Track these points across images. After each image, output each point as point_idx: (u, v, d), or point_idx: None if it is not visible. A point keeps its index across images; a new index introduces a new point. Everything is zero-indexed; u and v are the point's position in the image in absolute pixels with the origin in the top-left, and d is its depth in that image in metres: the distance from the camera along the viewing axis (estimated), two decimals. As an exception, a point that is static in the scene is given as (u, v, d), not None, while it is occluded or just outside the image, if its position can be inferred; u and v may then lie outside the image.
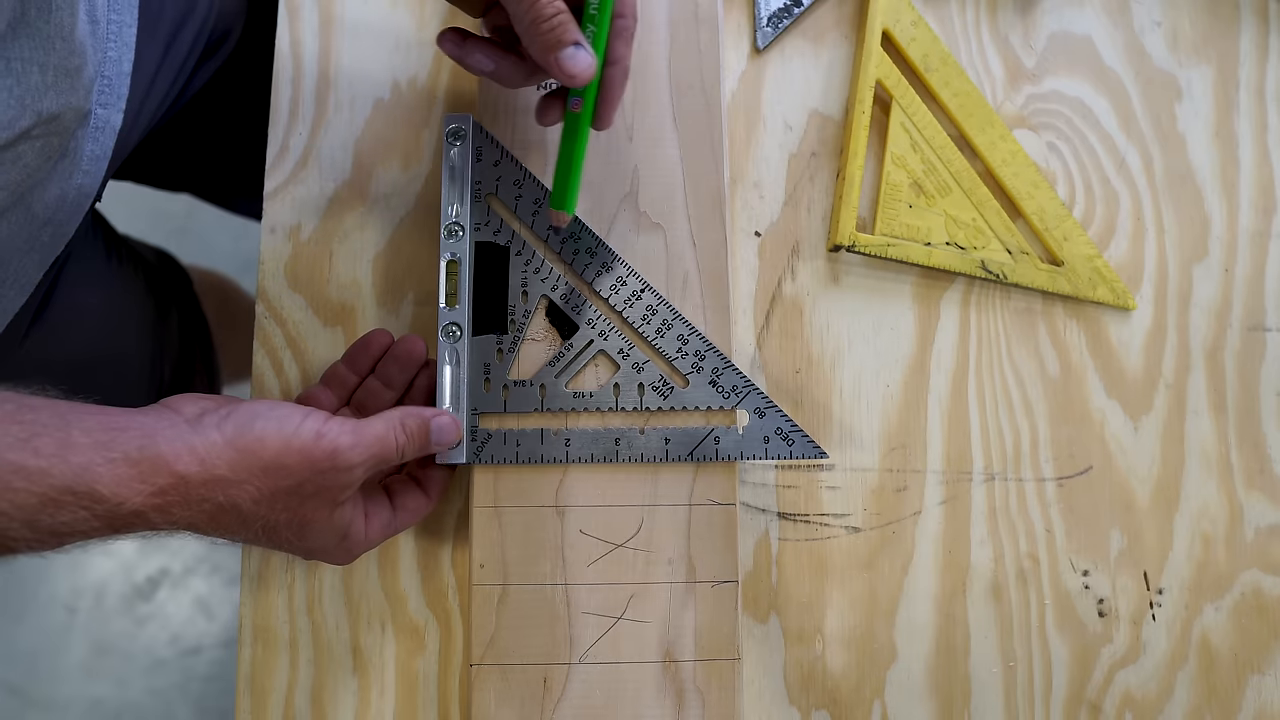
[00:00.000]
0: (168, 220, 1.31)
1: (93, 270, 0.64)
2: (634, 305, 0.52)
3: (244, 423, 0.41)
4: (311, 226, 0.56)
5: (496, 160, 0.53)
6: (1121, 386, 0.56)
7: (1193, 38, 0.61)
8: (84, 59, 0.47)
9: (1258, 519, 0.55)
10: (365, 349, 0.51)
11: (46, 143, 0.47)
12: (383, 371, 0.51)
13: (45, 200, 0.50)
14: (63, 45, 0.44)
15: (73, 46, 0.45)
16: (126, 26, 0.53)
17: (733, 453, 0.51)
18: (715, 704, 0.50)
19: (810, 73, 0.59)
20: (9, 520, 0.36)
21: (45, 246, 0.53)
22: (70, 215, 0.53)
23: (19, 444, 0.37)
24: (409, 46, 0.58)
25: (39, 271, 0.54)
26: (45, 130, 0.46)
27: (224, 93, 0.68)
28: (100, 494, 0.37)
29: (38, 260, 0.53)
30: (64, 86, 0.46)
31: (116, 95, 0.53)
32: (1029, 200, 0.57)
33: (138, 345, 0.72)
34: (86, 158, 0.52)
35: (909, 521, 0.54)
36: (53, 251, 0.54)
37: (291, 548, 0.45)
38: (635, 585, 0.51)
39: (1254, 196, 0.59)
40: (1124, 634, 0.54)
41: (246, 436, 0.41)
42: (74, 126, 0.49)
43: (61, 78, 0.45)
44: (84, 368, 0.65)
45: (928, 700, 0.52)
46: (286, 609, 0.52)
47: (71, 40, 0.45)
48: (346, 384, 0.51)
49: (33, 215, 0.50)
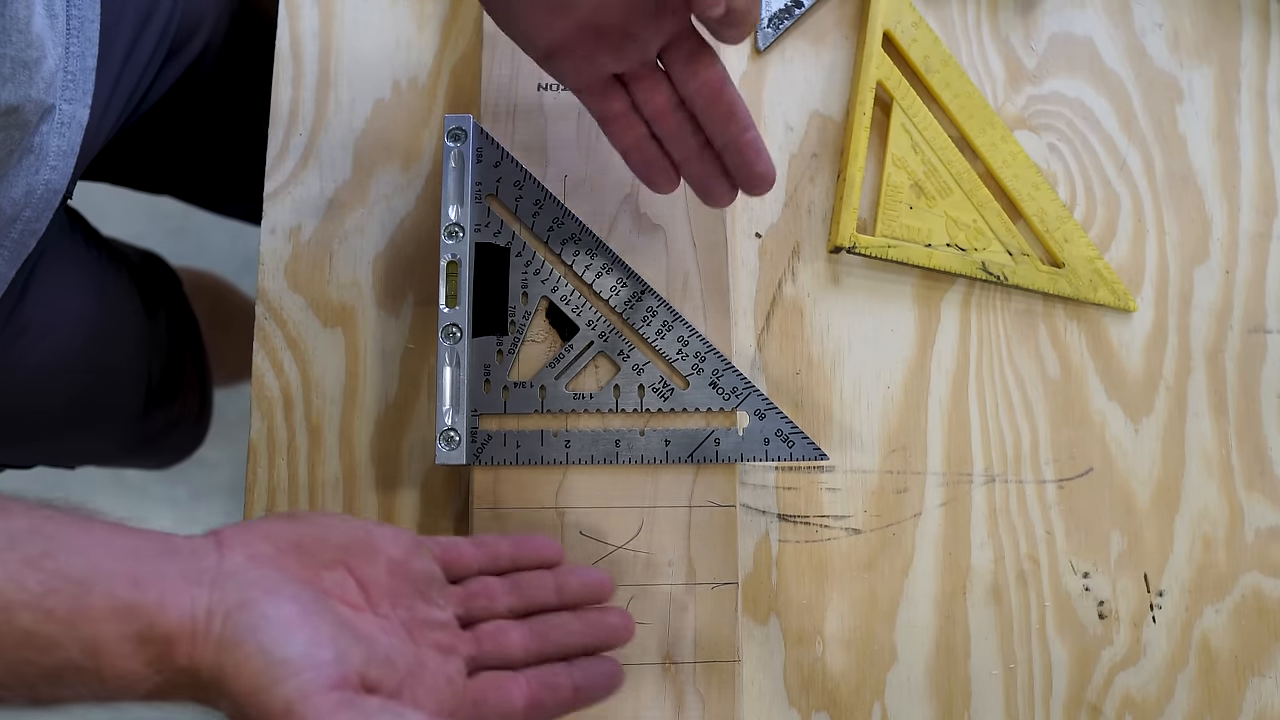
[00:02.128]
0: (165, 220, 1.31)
1: (71, 270, 0.64)
2: (634, 307, 0.52)
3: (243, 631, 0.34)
4: (311, 227, 0.56)
5: (497, 161, 0.53)
6: (1122, 388, 0.56)
7: (1194, 39, 0.61)
8: (43, 51, 0.47)
9: (1258, 521, 0.55)
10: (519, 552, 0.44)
11: (7, 135, 0.47)
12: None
13: (11, 196, 0.50)
14: (19, 37, 0.44)
15: (29, 39, 0.45)
16: (89, 22, 0.53)
17: (733, 454, 0.51)
18: (715, 705, 0.50)
19: (811, 74, 0.59)
20: (9, 691, 0.33)
21: (15, 244, 0.53)
22: (39, 212, 0.53)
23: (31, 603, 0.32)
24: (409, 46, 0.58)
25: (10, 269, 0.54)
26: (4, 123, 0.46)
27: (196, 93, 0.68)
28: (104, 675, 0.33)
29: (8, 257, 0.53)
30: (22, 79, 0.46)
31: (81, 90, 0.53)
32: (1030, 202, 0.57)
33: (123, 346, 0.71)
34: (53, 153, 0.52)
35: (909, 523, 0.54)
36: (23, 249, 0.54)
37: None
38: (635, 587, 0.50)
39: (1255, 198, 0.59)
40: (1124, 636, 0.53)
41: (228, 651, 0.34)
42: (36, 121, 0.49)
43: (19, 69, 0.45)
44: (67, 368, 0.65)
45: (928, 702, 0.52)
46: (286, 610, 0.52)
47: (28, 32, 0.45)
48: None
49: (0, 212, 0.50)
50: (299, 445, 0.53)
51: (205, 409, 0.90)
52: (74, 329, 0.64)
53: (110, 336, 0.69)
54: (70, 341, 0.64)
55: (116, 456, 0.86)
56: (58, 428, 0.70)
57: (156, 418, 0.79)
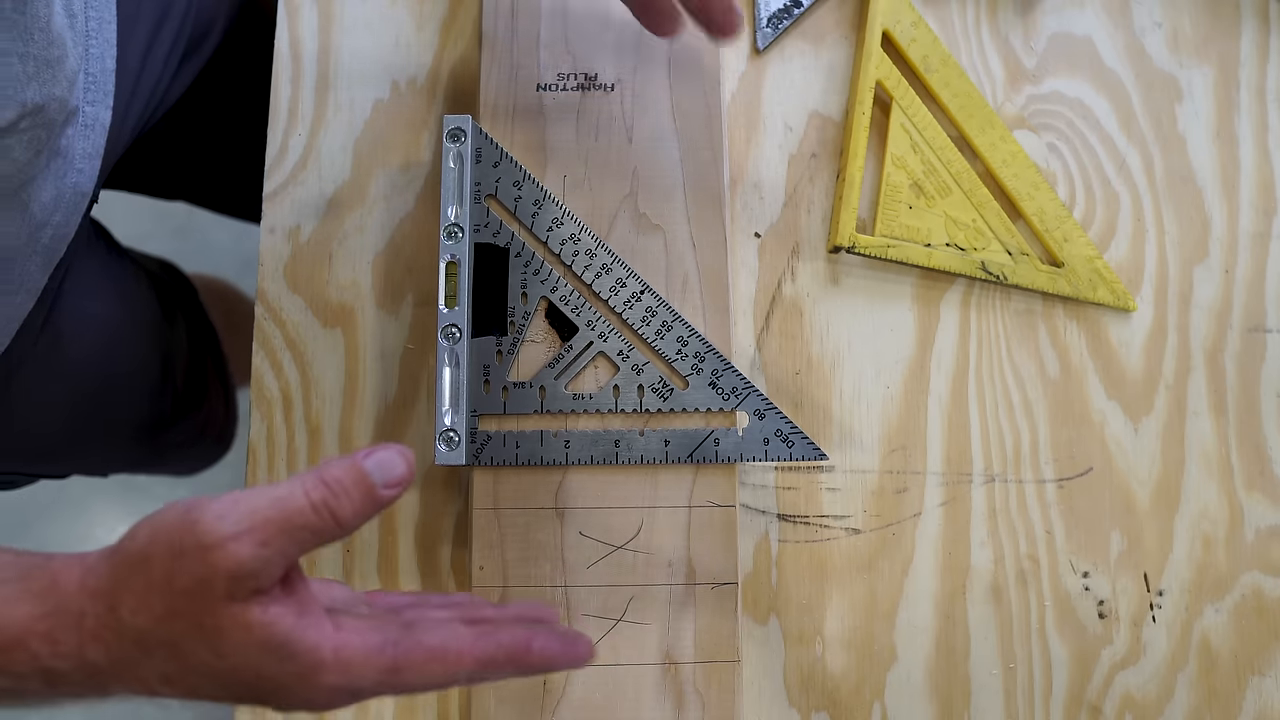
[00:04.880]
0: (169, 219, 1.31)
1: (96, 279, 0.65)
2: (634, 307, 0.52)
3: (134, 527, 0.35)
4: (311, 227, 0.56)
5: (496, 161, 0.53)
6: (1122, 388, 0.56)
7: (1193, 38, 0.61)
8: (64, 50, 0.47)
9: (1258, 520, 0.55)
10: None
11: (34, 136, 0.47)
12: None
13: (41, 200, 0.51)
14: (41, 36, 0.45)
15: (51, 37, 0.45)
16: (106, 23, 0.53)
17: (732, 454, 0.51)
18: (715, 706, 0.50)
19: (810, 74, 0.59)
20: None
21: (46, 249, 0.53)
22: (68, 216, 0.54)
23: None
24: (408, 46, 0.58)
25: (43, 275, 0.54)
26: (31, 123, 0.46)
27: (210, 95, 0.69)
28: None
29: (41, 263, 0.54)
30: (45, 77, 0.46)
31: (103, 92, 0.53)
32: (1029, 201, 0.57)
33: (147, 354, 0.72)
34: (79, 155, 0.53)
35: (909, 523, 0.54)
36: (54, 254, 0.54)
37: (221, 679, 0.34)
38: (635, 587, 0.50)
39: (1255, 197, 0.59)
40: (1124, 635, 0.53)
41: (123, 538, 0.34)
42: (61, 122, 0.49)
43: (42, 68, 0.45)
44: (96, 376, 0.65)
45: (928, 702, 0.52)
46: (286, 611, 0.52)
47: (49, 31, 0.45)
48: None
49: (30, 216, 0.50)
50: (299, 446, 0.53)
51: (231, 414, 0.91)
52: (103, 337, 0.65)
53: (136, 344, 0.70)
54: (102, 350, 0.65)
55: (148, 463, 0.87)
56: (91, 436, 0.70)
57: (183, 425, 0.79)
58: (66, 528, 1.29)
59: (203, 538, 0.33)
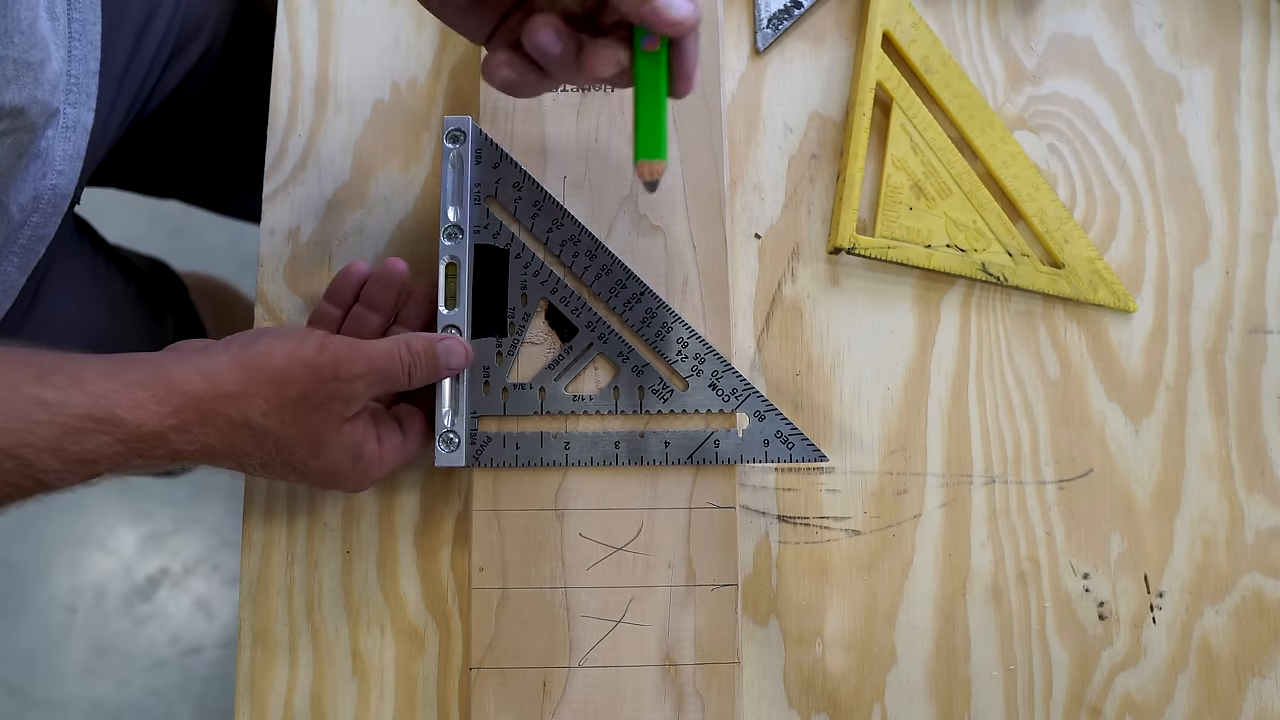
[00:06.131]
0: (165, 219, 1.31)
1: (79, 278, 0.64)
2: (634, 308, 0.52)
3: (249, 341, 0.44)
4: (311, 228, 0.56)
5: (496, 163, 0.52)
6: (1122, 389, 0.56)
7: (1194, 39, 0.61)
8: (46, 53, 0.47)
9: (1258, 521, 0.55)
10: (345, 281, 0.51)
11: (15, 139, 0.47)
12: (367, 297, 0.51)
13: (19, 201, 0.50)
14: (21, 39, 0.45)
15: (32, 40, 0.45)
16: (90, 25, 0.53)
17: (732, 456, 0.51)
18: (715, 707, 0.50)
19: (810, 74, 0.59)
20: (36, 451, 0.38)
21: (24, 250, 0.53)
22: (47, 217, 0.53)
23: (35, 380, 0.39)
24: (408, 47, 0.58)
25: (21, 275, 0.54)
26: (11, 125, 0.46)
27: (199, 94, 0.68)
28: (120, 417, 0.39)
29: (19, 264, 0.53)
30: (26, 80, 0.46)
31: (85, 94, 0.53)
32: (1029, 202, 0.57)
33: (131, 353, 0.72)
34: (59, 158, 0.52)
35: (909, 524, 0.54)
36: (32, 255, 0.54)
37: (307, 471, 0.45)
38: (635, 588, 0.50)
39: (1255, 198, 0.59)
40: (1124, 637, 0.53)
41: (252, 352, 0.43)
42: (42, 124, 0.49)
43: (23, 70, 0.45)
44: None
45: (928, 703, 0.52)
46: (286, 612, 0.52)
47: (31, 34, 0.45)
48: (332, 319, 0.51)
49: (8, 216, 0.50)
50: (298, 447, 0.53)
51: None
52: (83, 337, 0.65)
53: (121, 343, 0.69)
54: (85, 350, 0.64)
55: None
56: None
57: None
58: (65, 528, 1.29)
59: (340, 372, 0.44)
